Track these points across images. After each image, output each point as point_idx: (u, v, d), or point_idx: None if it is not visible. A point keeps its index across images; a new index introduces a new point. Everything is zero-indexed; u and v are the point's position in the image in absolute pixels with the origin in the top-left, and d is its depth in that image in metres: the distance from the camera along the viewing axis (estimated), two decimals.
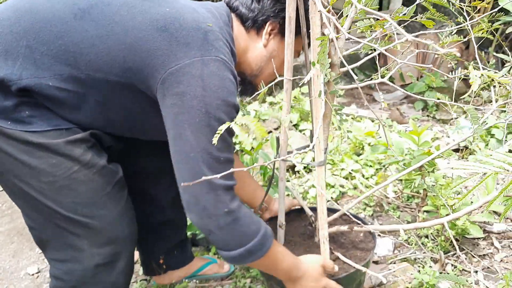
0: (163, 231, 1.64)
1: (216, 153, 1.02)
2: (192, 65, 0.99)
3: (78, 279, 1.16)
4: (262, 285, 1.77)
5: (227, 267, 1.84)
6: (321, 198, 1.36)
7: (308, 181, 2.39)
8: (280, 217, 1.50)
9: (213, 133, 0.96)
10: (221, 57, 1.02)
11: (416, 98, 3.45)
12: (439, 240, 1.83)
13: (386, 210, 2.18)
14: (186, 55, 1.00)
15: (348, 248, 1.52)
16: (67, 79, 1.03)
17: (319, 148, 1.32)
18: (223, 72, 1.02)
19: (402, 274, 1.77)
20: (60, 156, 1.05)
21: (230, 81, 1.03)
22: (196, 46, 1.01)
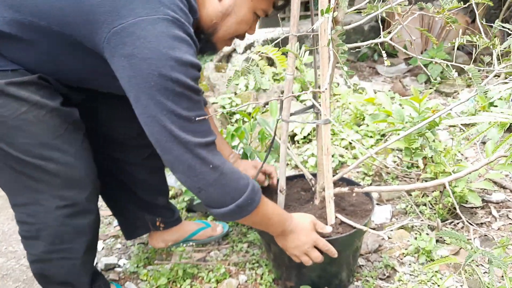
0: (138, 191, 1.64)
1: (185, 113, 0.99)
2: (136, 25, 0.93)
3: (42, 221, 1.17)
4: (259, 250, 1.77)
5: (220, 229, 1.85)
6: (327, 157, 1.35)
7: (307, 150, 2.38)
8: (281, 181, 1.49)
9: (174, 94, 0.95)
10: (171, 15, 0.96)
11: (419, 70, 3.41)
12: (437, 208, 1.82)
13: (385, 179, 2.17)
14: (130, 13, 0.94)
15: (347, 211, 1.52)
16: (10, 22, 1.01)
17: (325, 106, 1.30)
18: (173, 31, 0.96)
19: (398, 241, 1.78)
20: (5, 97, 1.04)
21: (182, 40, 0.97)
22: (141, 3, 0.95)
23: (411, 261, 1.66)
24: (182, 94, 0.97)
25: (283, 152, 1.46)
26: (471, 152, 2.30)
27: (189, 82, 0.98)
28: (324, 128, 1.34)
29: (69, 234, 1.22)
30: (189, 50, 0.98)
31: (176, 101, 0.97)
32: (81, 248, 1.26)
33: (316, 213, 1.52)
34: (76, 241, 1.25)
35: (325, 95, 1.28)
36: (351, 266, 1.56)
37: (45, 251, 1.22)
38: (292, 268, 1.50)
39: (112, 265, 1.76)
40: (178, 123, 0.98)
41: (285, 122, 1.42)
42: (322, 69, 1.25)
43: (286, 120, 1.41)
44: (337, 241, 1.40)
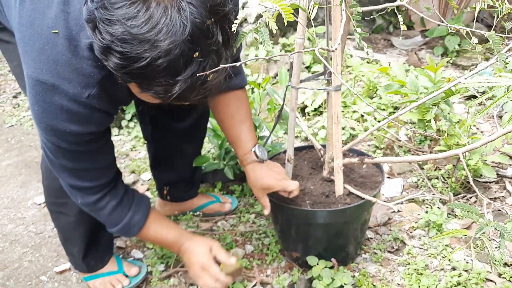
0: (173, 161, 1.67)
1: (71, 166, 1.13)
2: (26, 78, 0.99)
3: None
4: (266, 221, 1.76)
5: (228, 206, 1.83)
6: (336, 126, 1.31)
7: (317, 122, 2.33)
8: (289, 151, 1.46)
9: (60, 152, 1.08)
10: (49, 81, 0.96)
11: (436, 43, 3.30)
12: (449, 182, 1.77)
13: (396, 153, 2.12)
14: (24, 64, 0.99)
15: (357, 182, 1.49)
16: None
17: (337, 71, 1.26)
18: (50, 98, 0.97)
19: (408, 214, 1.74)
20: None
21: (60, 108, 0.98)
22: (31, 58, 0.97)
23: (421, 235, 1.63)
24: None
25: (291, 121, 1.42)
26: (487, 126, 2.23)
27: (60, 144, 1.06)
28: (335, 95, 1.30)
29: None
30: (65, 117, 1.00)
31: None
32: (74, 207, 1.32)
33: (324, 184, 1.49)
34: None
35: (337, 59, 1.23)
36: (359, 239, 1.54)
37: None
38: (298, 240, 1.48)
39: None
40: (64, 172, 1.16)
41: (294, 89, 1.37)
42: (334, 30, 1.20)
43: (295, 87, 1.37)
44: (345, 212, 1.37)
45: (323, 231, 1.44)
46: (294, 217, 1.41)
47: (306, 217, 1.38)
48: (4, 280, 1.54)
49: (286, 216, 1.44)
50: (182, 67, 0.79)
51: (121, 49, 0.77)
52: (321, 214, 1.36)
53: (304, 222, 1.41)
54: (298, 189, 1.33)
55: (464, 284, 1.37)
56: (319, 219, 1.37)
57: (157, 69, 0.78)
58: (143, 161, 2.27)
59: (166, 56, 0.77)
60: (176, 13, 0.76)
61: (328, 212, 1.35)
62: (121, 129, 2.65)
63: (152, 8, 0.76)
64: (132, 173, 2.20)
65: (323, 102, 2.45)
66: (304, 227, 1.43)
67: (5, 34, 1.18)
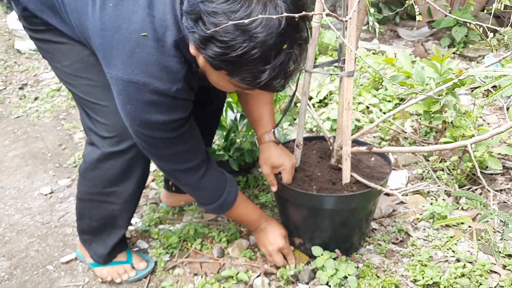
0: None
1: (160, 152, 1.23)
2: (115, 80, 1.08)
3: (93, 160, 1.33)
4: (271, 211, 1.76)
5: None
6: (347, 112, 1.31)
7: (322, 114, 2.32)
8: (299, 136, 1.46)
9: (157, 142, 1.18)
10: (141, 80, 1.04)
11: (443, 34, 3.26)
12: (454, 174, 1.77)
13: (402, 144, 2.11)
14: (112, 67, 1.07)
15: (364, 172, 1.49)
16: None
17: (350, 57, 1.26)
18: (141, 96, 1.06)
19: (413, 206, 1.74)
20: (73, 41, 1.20)
21: (150, 103, 1.07)
22: (121, 61, 1.05)
23: (425, 226, 1.63)
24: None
25: (303, 105, 1.42)
26: (493, 118, 2.21)
27: (156, 135, 1.15)
28: (347, 81, 1.30)
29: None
30: (157, 109, 1.09)
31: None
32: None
33: (332, 171, 1.49)
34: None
35: (351, 44, 1.23)
36: (363, 230, 1.54)
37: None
38: (303, 226, 1.49)
39: None
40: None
41: (307, 73, 1.38)
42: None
43: (309, 71, 1.37)
44: (352, 199, 1.37)
45: (329, 218, 1.44)
46: (301, 200, 1.41)
47: (312, 201, 1.38)
48: (12, 269, 1.56)
49: (292, 199, 1.44)
50: (272, 56, 0.90)
51: (223, 38, 0.87)
52: (328, 200, 1.37)
53: (310, 206, 1.41)
54: (291, 167, 1.43)
55: (469, 275, 1.37)
56: (326, 204, 1.38)
57: (251, 58, 0.88)
58: None
59: (261, 47, 0.87)
60: (273, 9, 0.87)
61: (334, 197, 1.36)
62: None
63: (254, 4, 0.86)
64: None
65: (328, 93, 2.44)
66: (310, 212, 1.43)
67: (55, 35, 1.21)
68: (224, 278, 1.46)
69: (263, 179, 1.95)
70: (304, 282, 1.43)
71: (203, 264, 1.53)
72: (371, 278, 1.39)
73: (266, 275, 1.47)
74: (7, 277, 1.53)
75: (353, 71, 1.31)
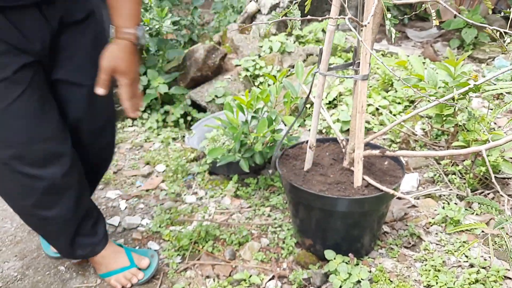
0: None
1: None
2: None
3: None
4: (282, 214, 1.76)
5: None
6: (361, 115, 1.31)
7: (332, 116, 2.32)
8: (312, 138, 1.46)
9: None
10: None
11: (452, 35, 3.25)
12: (467, 178, 1.76)
13: (412, 147, 2.10)
14: None
15: (377, 175, 1.48)
16: None
17: (365, 61, 1.26)
18: None
19: (425, 210, 1.73)
20: None
21: None
22: None
23: (438, 231, 1.62)
24: None
25: (316, 107, 1.42)
26: (504, 121, 2.20)
27: None
28: (362, 85, 1.29)
29: None
30: None
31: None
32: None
33: (345, 173, 1.48)
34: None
35: (366, 48, 1.22)
36: (375, 232, 1.53)
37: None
38: (314, 227, 1.48)
39: (135, 224, 1.77)
40: None
41: (322, 76, 1.37)
42: (366, 7, 1.20)
43: (323, 73, 1.36)
44: (364, 202, 1.37)
45: (341, 220, 1.44)
46: (314, 202, 1.41)
47: (325, 204, 1.38)
48: (24, 269, 1.56)
49: (305, 201, 1.44)
50: None
51: None
52: (340, 202, 1.36)
53: (323, 208, 1.41)
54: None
55: (483, 281, 1.36)
56: (339, 206, 1.38)
57: None
58: (158, 153, 2.28)
59: None
60: None
61: (347, 200, 1.35)
62: (134, 120, 2.65)
63: None
64: (146, 164, 2.21)
65: (337, 95, 2.44)
66: (323, 214, 1.43)
67: None
68: (237, 281, 1.45)
69: (274, 181, 1.94)
70: (316, 285, 1.42)
71: (215, 267, 1.53)
72: (384, 283, 1.39)
73: (279, 278, 1.46)
74: (20, 277, 1.53)
75: (367, 75, 1.31)
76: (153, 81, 2.55)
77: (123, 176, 2.12)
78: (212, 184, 1.98)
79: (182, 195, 1.94)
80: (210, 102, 2.55)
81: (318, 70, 1.39)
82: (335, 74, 1.37)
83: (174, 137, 2.45)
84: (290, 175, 1.50)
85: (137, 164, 2.22)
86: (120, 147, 2.38)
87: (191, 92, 2.62)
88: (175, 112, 2.54)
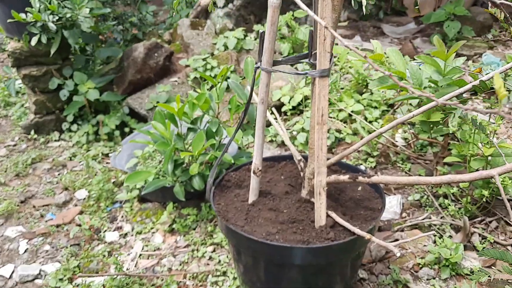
0: None
1: None
2: None
3: None
4: (228, 254, 1.34)
5: None
6: (320, 127, 0.91)
7: (296, 124, 1.92)
8: (256, 159, 1.06)
9: None
10: None
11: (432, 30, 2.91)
12: (463, 202, 1.37)
13: (393, 161, 1.72)
14: None
15: (347, 208, 1.08)
16: None
17: (325, 49, 0.86)
18: None
19: (412, 245, 1.34)
20: None
21: None
22: None
23: (429, 275, 1.23)
24: None
25: (260, 117, 1.01)
26: (502, 129, 1.83)
27: None
28: (320, 84, 0.89)
29: None
30: None
31: None
32: None
33: (302, 207, 1.08)
34: None
35: (324, 33, 0.83)
36: (348, 280, 1.13)
37: None
38: (266, 284, 1.07)
39: (31, 276, 1.32)
40: None
41: (265, 72, 0.97)
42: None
43: (266, 69, 0.96)
44: (327, 252, 0.96)
45: (298, 273, 1.03)
46: (261, 254, 1.00)
47: (275, 255, 0.97)
48: None
49: (250, 252, 1.02)
50: None
51: None
52: (294, 253, 0.96)
53: (273, 261, 1.00)
54: None
55: None
56: (293, 258, 0.97)
57: None
58: (81, 174, 1.84)
59: None
60: None
61: (304, 250, 0.95)
62: (62, 133, 2.20)
63: None
64: (64, 190, 1.76)
65: (303, 99, 2.04)
66: (274, 268, 1.02)
67: None
68: None
69: None
70: None
71: None
72: None
73: None
74: None
75: (328, 69, 0.92)
76: (81, 86, 2.11)
77: (31, 206, 1.67)
78: (142, 216, 1.55)
79: (102, 231, 1.50)
80: (151, 109, 2.12)
81: (259, 65, 0.98)
82: (282, 70, 0.96)
83: (108, 153, 2.01)
84: (228, 211, 1.08)
85: (53, 190, 1.77)
86: (36, 167, 1.93)
87: (129, 98, 2.19)
88: (109, 123, 2.10)
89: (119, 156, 1.72)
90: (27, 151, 2.09)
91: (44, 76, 2.12)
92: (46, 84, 2.13)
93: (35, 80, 2.11)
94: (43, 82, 2.13)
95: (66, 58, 2.20)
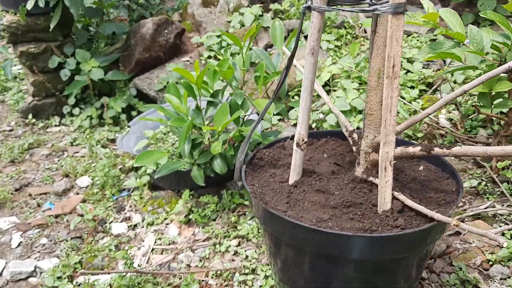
0: None
1: None
2: None
3: None
4: (256, 249, 1.13)
5: None
6: (391, 82, 0.72)
7: (324, 105, 1.70)
8: (301, 128, 0.86)
9: None
10: None
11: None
12: None
13: (439, 144, 1.50)
14: None
15: (412, 189, 0.88)
16: None
17: None
18: None
19: (476, 239, 1.13)
20: None
21: None
22: None
23: (503, 274, 1.02)
24: None
25: (309, 72, 0.81)
26: None
27: None
28: (394, 23, 0.69)
29: None
30: None
31: None
32: None
33: (358, 188, 0.87)
34: None
35: None
36: (412, 283, 0.92)
37: None
38: (314, 283, 0.86)
39: (25, 273, 1.12)
40: None
41: (317, 12, 0.76)
42: None
43: (320, 8, 0.76)
44: (396, 242, 0.75)
45: (353, 270, 0.82)
46: (309, 245, 0.78)
47: (325, 245, 0.76)
48: None
49: (295, 242, 0.81)
50: None
51: None
52: (354, 243, 0.74)
53: (324, 255, 0.79)
54: None
55: None
56: (351, 250, 0.76)
57: None
58: (83, 160, 1.63)
59: None
60: None
61: (366, 239, 0.74)
62: (63, 118, 2.00)
63: None
64: (65, 177, 1.55)
65: (330, 78, 1.82)
66: (323, 263, 0.81)
67: None
68: None
69: (245, 198, 1.32)
70: None
71: None
72: None
73: None
74: None
75: (403, 4, 0.71)
76: (84, 65, 1.90)
77: (26, 195, 1.47)
78: (154, 205, 1.34)
79: (108, 222, 1.30)
80: (160, 90, 1.91)
81: (309, 3, 0.78)
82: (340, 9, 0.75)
83: (113, 138, 1.80)
84: (265, 194, 0.87)
85: (51, 176, 1.56)
86: (33, 153, 1.72)
87: (136, 79, 1.98)
88: (115, 106, 1.90)
89: (126, 137, 1.51)
90: (24, 136, 1.88)
91: (43, 54, 1.92)
92: (46, 63, 1.93)
93: (33, 58, 1.91)
94: (42, 61, 1.93)
95: (67, 35, 2.00)
